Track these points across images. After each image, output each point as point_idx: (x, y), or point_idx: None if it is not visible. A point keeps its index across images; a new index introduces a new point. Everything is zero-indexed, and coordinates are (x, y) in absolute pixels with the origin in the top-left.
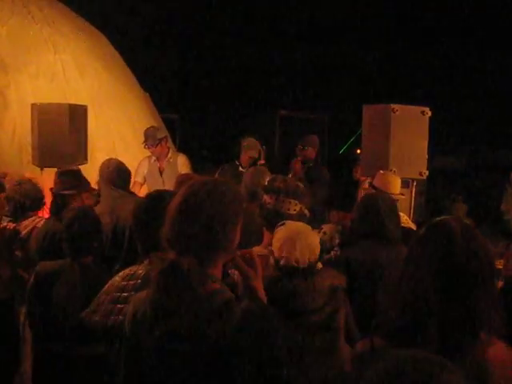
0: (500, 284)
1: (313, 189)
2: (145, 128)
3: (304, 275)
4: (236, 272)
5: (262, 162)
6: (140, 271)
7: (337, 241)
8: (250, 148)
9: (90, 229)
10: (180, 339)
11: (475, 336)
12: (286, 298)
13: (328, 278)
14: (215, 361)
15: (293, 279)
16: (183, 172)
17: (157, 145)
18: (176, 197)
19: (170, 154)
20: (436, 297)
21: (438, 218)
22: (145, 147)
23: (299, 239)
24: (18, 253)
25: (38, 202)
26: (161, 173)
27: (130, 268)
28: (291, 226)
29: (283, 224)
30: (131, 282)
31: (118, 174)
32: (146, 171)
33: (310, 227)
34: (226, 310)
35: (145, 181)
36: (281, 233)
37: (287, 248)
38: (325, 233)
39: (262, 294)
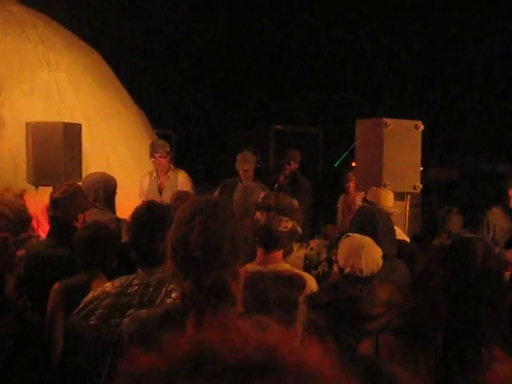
0: None
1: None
2: (139, 144)
3: (366, 283)
4: None
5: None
6: (136, 280)
7: (324, 256)
8: (243, 162)
9: (103, 241)
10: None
11: (477, 350)
12: (345, 301)
13: (386, 292)
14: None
15: (355, 285)
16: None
17: (165, 156)
18: (184, 223)
19: (170, 171)
20: (444, 308)
21: (465, 235)
22: (152, 158)
23: (365, 251)
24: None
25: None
26: (160, 190)
27: (124, 277)
28: (356, 238)
29: (348, 236)
30: (132, 289)
31: (92, 190)
32: (146, 188)
33: (372, 240)
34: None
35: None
36: (347, 243)
37: (353, 258)
38: (312, 248)
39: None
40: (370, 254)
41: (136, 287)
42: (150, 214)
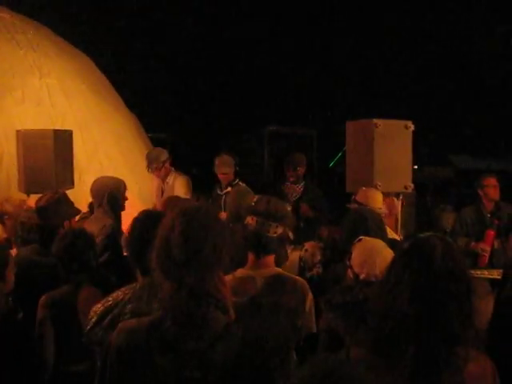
0: None
1: (317, 206)
2: (133, 149)
3: None
4: None
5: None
6: (145, 287)
7: (318, 258)
8: (220, 165)
9: (81, 247)
10: (188, 366)
11: (451, 351)
12: (362, 301)
13: None
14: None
15: (368, 287)
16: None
17: (161, 168)
18: (166, 225)
19: (169, 177)
20: (412, 312)
21: (421, 235)
22: (148, 171)
23: (378, 256)
24: None
25: None
26: (162, 193)
27: (129, 286)
28: (369, 242)
29: (360, 240)
30: (148, 293)
31: (100, 194)
32: (155, 189)
33: (384, 243)
34: (227, 335)
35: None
36: (360, 249)
37: (368, 265)
38: (306, 250)
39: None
40: (384, 258)
41: (151, 291)
42: (148, 222)
